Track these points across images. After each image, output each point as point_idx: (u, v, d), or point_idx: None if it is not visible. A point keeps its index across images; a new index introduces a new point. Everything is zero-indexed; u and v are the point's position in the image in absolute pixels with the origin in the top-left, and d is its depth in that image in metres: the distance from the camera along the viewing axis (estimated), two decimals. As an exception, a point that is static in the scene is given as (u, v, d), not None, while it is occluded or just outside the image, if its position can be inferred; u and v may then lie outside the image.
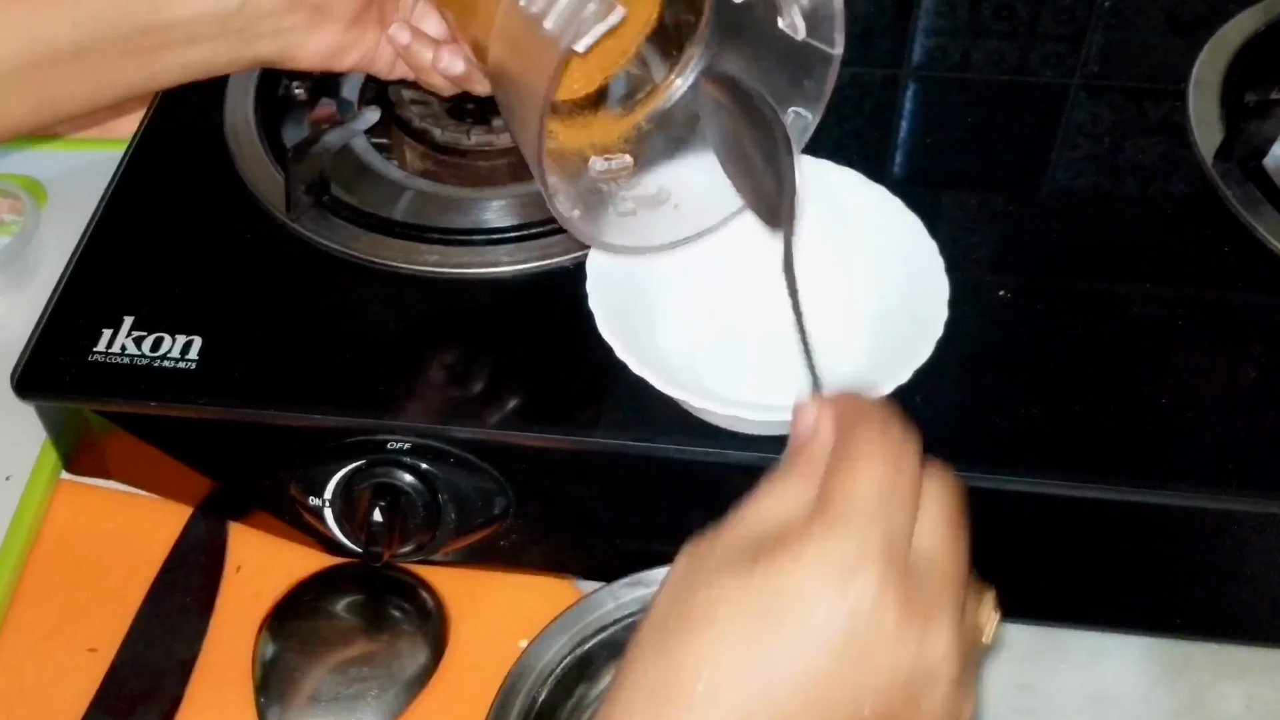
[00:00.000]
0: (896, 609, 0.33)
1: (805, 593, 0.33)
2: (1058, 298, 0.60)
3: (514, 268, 0.62)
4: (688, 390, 0.50)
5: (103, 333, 0.59)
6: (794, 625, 0.33)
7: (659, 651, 0.35)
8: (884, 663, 0.34)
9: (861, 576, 0.33)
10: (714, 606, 0.34)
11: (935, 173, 0.69)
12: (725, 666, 0.33)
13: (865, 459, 0.35)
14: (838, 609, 0.33)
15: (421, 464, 0.56)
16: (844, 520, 0.34)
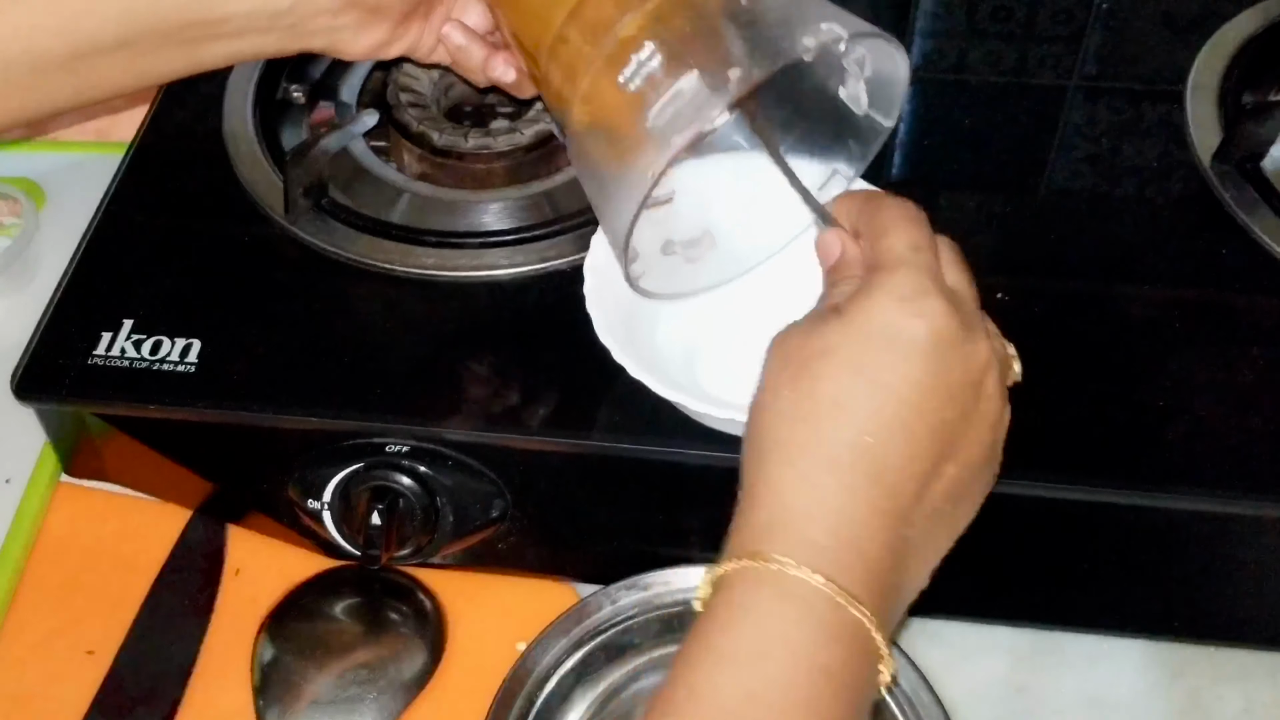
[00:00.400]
0: (957, 322, 0.41)
1: (891, 321, 0.41)
2: (1055, 300, 0.60)
3: (512, 270, 0.62)
4: (686, 393, 0.50)
5: (102, 336, 0.59)
6: (889, 346, 0.40)
7: (781, 395, 0.41)
8: (957, 365, 0.41)
9: (928, 301, 0.41)
10: (824, 352, 0.41)
11: (933, 174, 0.69)
12: (844, 385, 0.40)
13: (896, 224, 0.43)
14: (919, 328, 0.40)
15: (419, 467, 0.56)
16: (899, 266, 0.42)
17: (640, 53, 0.46)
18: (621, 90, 0.47)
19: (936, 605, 0.59)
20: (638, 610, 0.56)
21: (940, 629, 0.59)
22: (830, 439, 0.40)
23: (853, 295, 0.42)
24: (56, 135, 0.81)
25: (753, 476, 0.41)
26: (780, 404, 0.41)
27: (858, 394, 0.40)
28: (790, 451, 0.40)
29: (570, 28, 0.49)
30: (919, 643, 0.58)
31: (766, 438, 0.41)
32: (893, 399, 0.40)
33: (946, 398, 0.41)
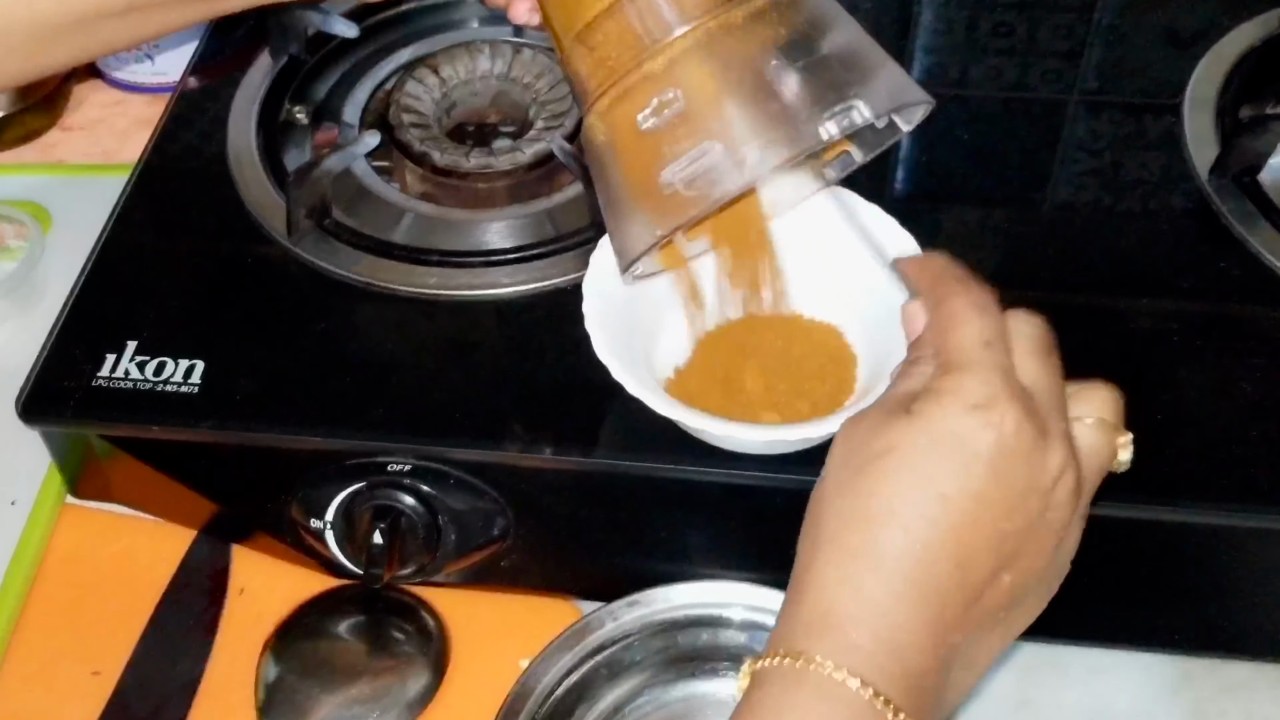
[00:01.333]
0: (1028, 430, 0.40)
1: (957, 430, 0.40)
2: (1054, 313, 0.60)
3: (513, 289, 0.62)
4: (684, 411, 0.51)
5: (106, 357, 0.59)
6: (952, 455, 0.40)
7: (842, 492, 0.41)
8: (1023, 475, 0.40)
9: (998, 409, 0.40)
10: (887, 451, 0.40)
11: (936, 189, 0.70)
12: (902, 491, 0.40)
13: (967, 314, 0.42)
14: (986, 439, 0.40)
15: (421, 485, 0.56)
16: (970, 367, 0.41)
17: (663, 95, 0.46)
18: (638, 125, 0.46)
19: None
20: (639, 627, 0.57)
21: (942, 644, 0.59)
22: (882, 545, 0.39)
23: (923, 395, 0.41)
24: (62, 158, 0.82)
25: (803, 567, 0.41)
26: (838, 501, 0.41)
27: (914, 502, 0.39)
28: (840, 552, 0.40)
29: (603, 25, 0.48)
30: (921, 658, 0.58)
31: (821, 532, 0.41)
32: (950, 510, 0.39)
33: (1007, 509, 0.40)
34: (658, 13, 0.46)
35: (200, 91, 0.75)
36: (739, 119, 0.45)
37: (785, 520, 0.57)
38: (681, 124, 0.45)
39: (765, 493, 0.55)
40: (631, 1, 0.47)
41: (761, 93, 0.46)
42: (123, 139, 0.82)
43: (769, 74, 0.46)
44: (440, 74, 0.72)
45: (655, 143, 0.46)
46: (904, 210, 0.58)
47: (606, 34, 0.48)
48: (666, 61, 0.46)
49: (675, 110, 0.45)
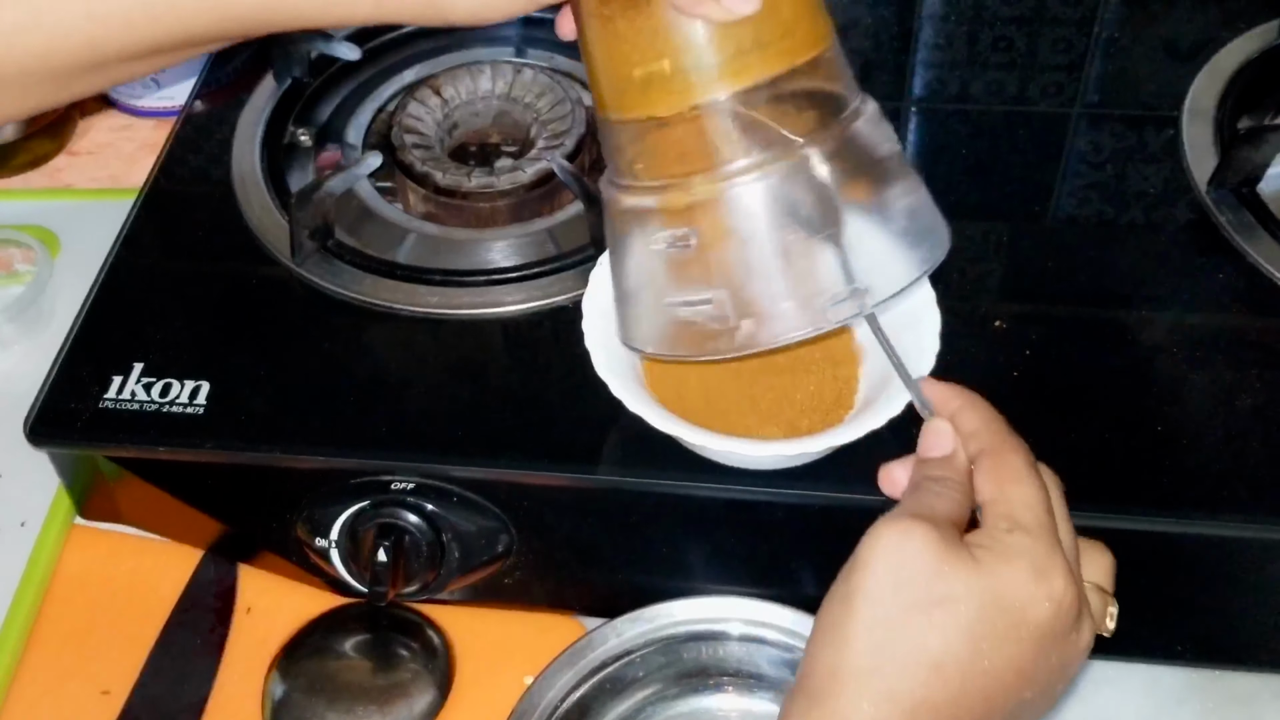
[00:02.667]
0: (1075, 610, 0.42)
1: (1022, 597, 0.40)
2: (1053, 326, 0.61)
3: (515, 307, 0.62)
4: (683, 427, 0.51)
5: (113, 379, 0.60)
6: (1010, 625, 0.40)
7: (887, 624, 0.40)
8: (1060, 656, 0.42)
9: (1057, 581, 0.41)
10: (947, 601, 0.40)
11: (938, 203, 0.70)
12: (953, 650, 0.40)
13: (1025, 475, 0.43)
14: (1045, 612, 0.41)
15: (425, 503, 0.57)
16: (1034, 532, 0.41)
17: (677, 231, 0.45)
18: (648, 240, 0.46)
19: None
20: (643, 643, 0.57)
21: (946, 657, 0.59)
22: (917, 697, 0.40)
23: (989, 546, 0.41)
24: (70, 183, 0.82)
25: (823, 681, 0.41)
26: (880, 632, 0.40)
27: (962, 660, 0.40)
28: (876, 688, 0.40)
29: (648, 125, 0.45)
30: (925, 671, 0.58)
31: (854, 655, 0.40)
32: (992, 676, 0.40)
33: (1037, 682, 0.41)
34: (694, 140, 0.44)
35: (205, 116, 0.75)
36: (745, 282, 0.44)
37: (786, 534, 0.57)
38: (690, 263, 0.45)
39: (767, 507, 0.55)
40: (691, 121, 0.44)
41: (775, 261, 0.44)
42: (130, 163, 0.83)
43: (787, 242, 0.44)
44: (442, 94, 0.73)
45: (662, 261, 0.46)
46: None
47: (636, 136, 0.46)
48: (689, 202, 0.45)
49: (686, 251, 0.45)
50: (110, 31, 0.46)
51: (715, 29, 0.42)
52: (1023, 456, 0.44)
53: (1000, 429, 0.45)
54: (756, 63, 0.43)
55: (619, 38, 0.44)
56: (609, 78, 0.45)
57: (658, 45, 0.43)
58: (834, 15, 0.47)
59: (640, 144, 0.46)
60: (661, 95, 0.44)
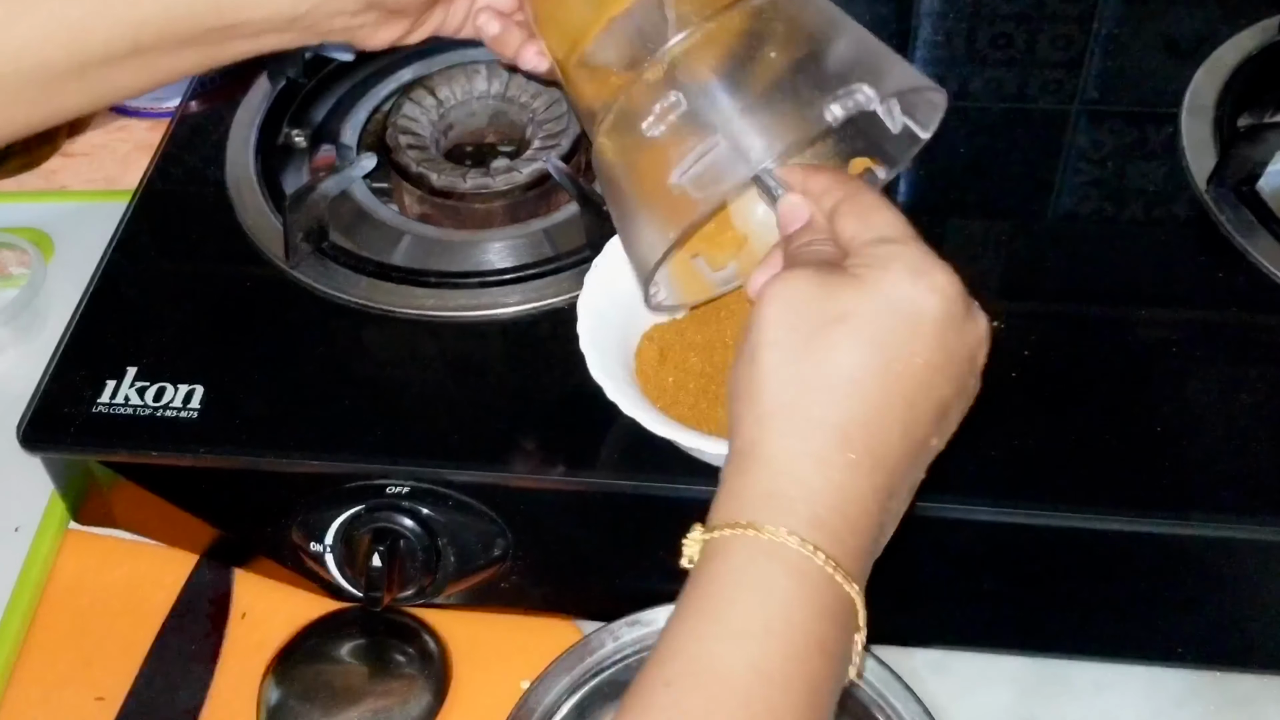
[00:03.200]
0: (964, 297, 0.42)
1: (908, 295, 0.41)
2: (1052, 327, 0.60)
3: (511, 309, 0.62)
4: (678, 430, 0.51)
5: (106, 384, 0.60)
6: (907, 321, 0.41)
7: (793, 359, 0.41)
8: (962, 342, 0.42)
9: (939, 275, 0.41)
10: (842, 318, 0.40)
11: (939, 201, 0.69)
12: (861, 360, 0.40)
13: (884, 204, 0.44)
14: (934, 303, 0.41)
15: (420, 508, 0.56)
16: (906, 239, 0.42)
17: (665, 99, 0.46)
18: (644, 134, 0.46)
19: (942, 635, 0.60)
20: (640, 647, 0.56)
21: (946, 659, 0.59)
22: (842, 415, 0.40)
23: (862, 261, 0.42)
24: (65, 184, 0.82)
25: (750, 434, 0.41)
26: (788, 368, 0.41)
27: (874, 370, 0.40)
28: (798, 422, 0.40)
29: (602, 44, 0.48)
30: (924, 673, 0.58)
31: (771, 398, 0.41)
32: (906, 377, 0.40)
33: (950, 376, 0.41)
34: (653, 22, 0.46)
35: (199, 116, 0.75)
36: (742, 111, 0.45)
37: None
38: (685, 125, 0.45)
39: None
40: (628, 16, 0.47)
41: (764, 85, 0.45)
42: (124, 165, 0.82)
43: (770, 67, 0.45)
44: (437, 95, 0.72)
45: (663, 149, 0.46)
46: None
47: (605, 53, 0.48)
48: (666, 67, 0.46)
49: (679, 113, 0.45)
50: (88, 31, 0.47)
51: None
52: (875, 192, 0.44)
53: (848, 179, 0.46)
54: None
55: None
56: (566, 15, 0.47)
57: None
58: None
59: (606, 60, 0.47)
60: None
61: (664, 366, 0.55)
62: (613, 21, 0.47)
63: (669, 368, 0.55)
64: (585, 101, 0.50)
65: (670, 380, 0.55)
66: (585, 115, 0.50)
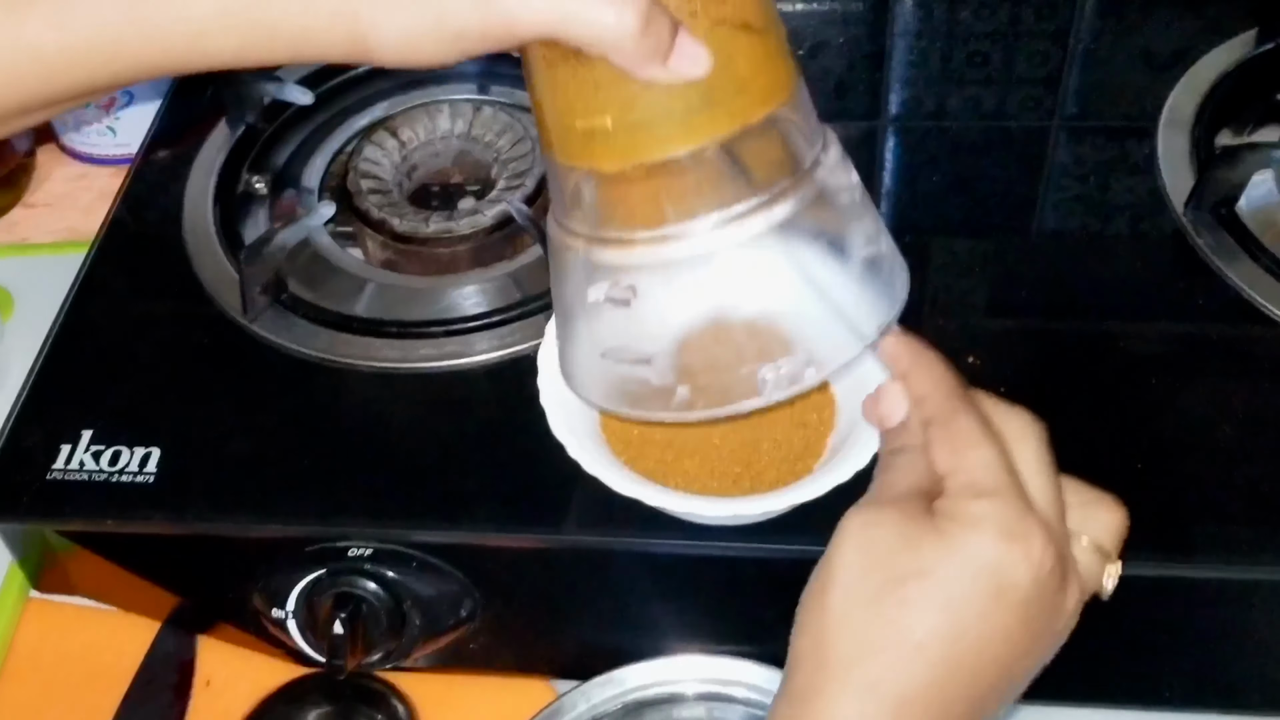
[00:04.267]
0: (1058, 572, 0.39)
1: (995, 562, 0.38)
2: (1030, 358, 0.59)
3: (476, 358, 0.60)
4: (642, 487, 0.49)
5: (61, 449, 0.58)
6: (990, 592, 0.38)
7: (861, 611, 0.38)
8: (1046, 621, 0.39)
9: (1032, 541, 0.38)
10: (919, 576, 0.38)
11: (919, 221, 0.68)
12: (934, 627, 0.38)
13: (980, 436, 0.40)
14: (1023, 575, 0.38)
15: (384, 570, 0.55)
16: (997, 494, 0.38)
17: (615, 283, 0.43)
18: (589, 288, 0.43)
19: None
20: (615, 707, 0.55)
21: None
22: (904, 684, 0.38)
23: (951, 515, 0.39)
24: (26, 236, 0.81)
25: (807, 680, 0.39)
26: (858, 616, 0.38)
27: (946, 637, 0.38)
28: (857, 685, 0.38)
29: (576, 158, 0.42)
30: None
31: (833, 650, 0.39)
32: (979, 650, 0.38)
33: (1024, 651, 0.39)
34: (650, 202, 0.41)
35: (158, 165, 0.73)
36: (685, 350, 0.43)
37: (758, 589, 0.55)
38: (633, 318, 0.43)
39: (735, 563, 0.53)
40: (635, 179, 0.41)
41: (716, 329, 0.43)
42: (87, 214, 0.81)
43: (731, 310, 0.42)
44: (399, 136, 0.71)
45: (604, 313, 0.43)
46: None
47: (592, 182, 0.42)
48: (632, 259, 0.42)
49: (627, 304, 0.43)
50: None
51: (661, 88, 0.39)
52: (973, 417, 0.40)
53: (948, 389, 0.42)
54: (706, 122, 0.40)
55: (561, 87, 0.41)
56: (552, 124, 0.42)
57: (600, 99, 0.40)
58: (806, 35, 0.44)
59: (584, 191, 0.43)
60: (604, 151, 0.41)
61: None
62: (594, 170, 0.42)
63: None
64: (556, 178, 0.44)
65: (635, 432, 0.53)
66: (551, 185, 0.45)
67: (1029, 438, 0.41)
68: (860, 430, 0.50)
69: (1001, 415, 0.41)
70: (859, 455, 0.49)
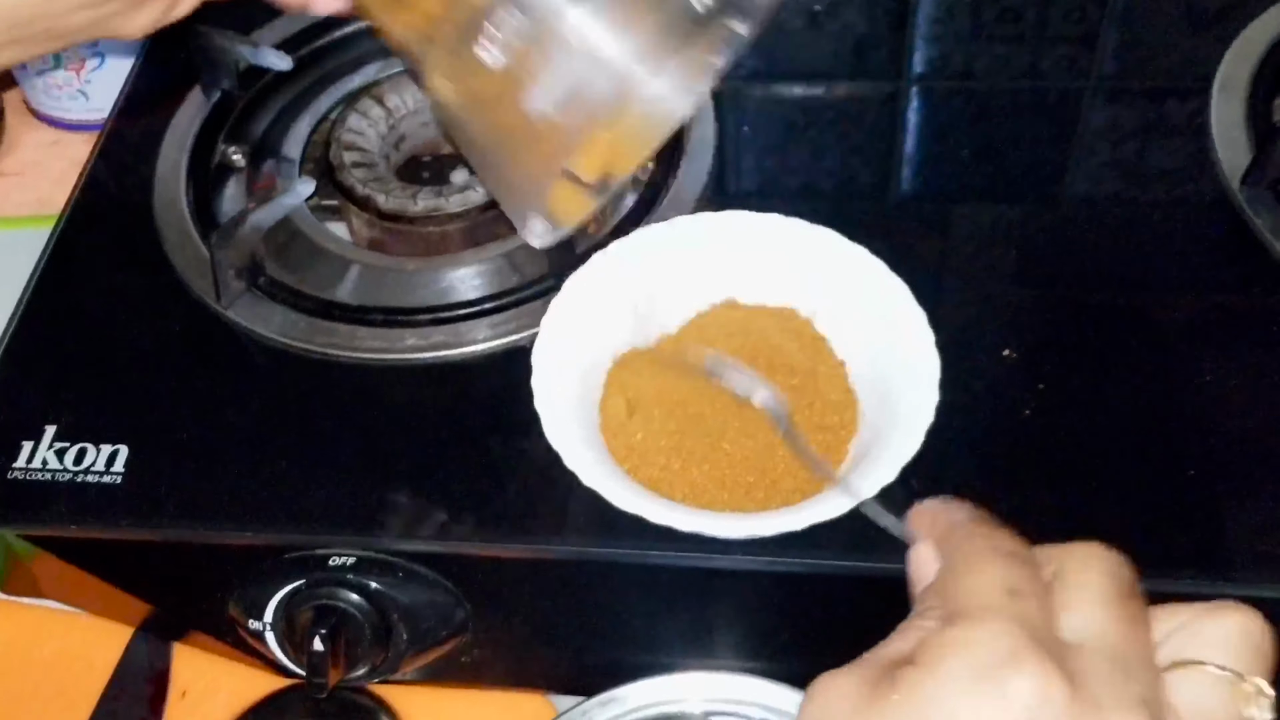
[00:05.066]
0: (1070, 700, 0.29)
1: (959, 712, 0.29)
2: (1073, 317, 0.54)
3: (469, 348, 0.56)
4: (645, 503, 0.45)
5: (22, 446, 0.54)
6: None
7: None
8: None
9: (1020, 672, 0.29)
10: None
11: (944, 187, 0.63)
12: None
13: (980, 560, 0.33)
14: (1005, 718, 0.29)
15: (368, 581, 0.51)
16: (978, 618, 0.30)
17: (496, 16, 0.39)
18: (483, 62, 0.40)
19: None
20: (616, 727, 0.51)
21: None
22: None
23: (919, 651, 0.31)
24: (-5, 209, 0.76)
25: None
26: None
27: None
28: None
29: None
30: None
31: None
32: None
33: None
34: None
35: (129, 133, 0.68)
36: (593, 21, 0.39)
37: (770, 604, 0.51)
38: (529, 42, 0.39)
39: (745, 576, 0.49)
40: None
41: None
42: (59, 184, 0.76)
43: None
44: (386, 104, 0.66)
45: (509, 76, 0.39)
46: (912, 212, 0.53)
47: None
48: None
49: (516, 28, 0.39)
50: None
51: None
52: (986, 542, 0.34)
53: (968, 524, 0.35)
54: None
55: None
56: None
57: None
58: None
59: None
60: None
61: (632, 421, 0.49)
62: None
63: (637, 422, 0.49)
64: (408, 43, 0.43)
65: (639, 437, 0.49)
66: (410, 56, 0.43)
67: (1091, 568, 0.33)
68: (887, 437, 0.45)
69: (1063, 550, 0.34)
70: (886, 466, 0.44)
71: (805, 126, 0.67)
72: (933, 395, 0.45)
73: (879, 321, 0.49)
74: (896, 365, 0.47)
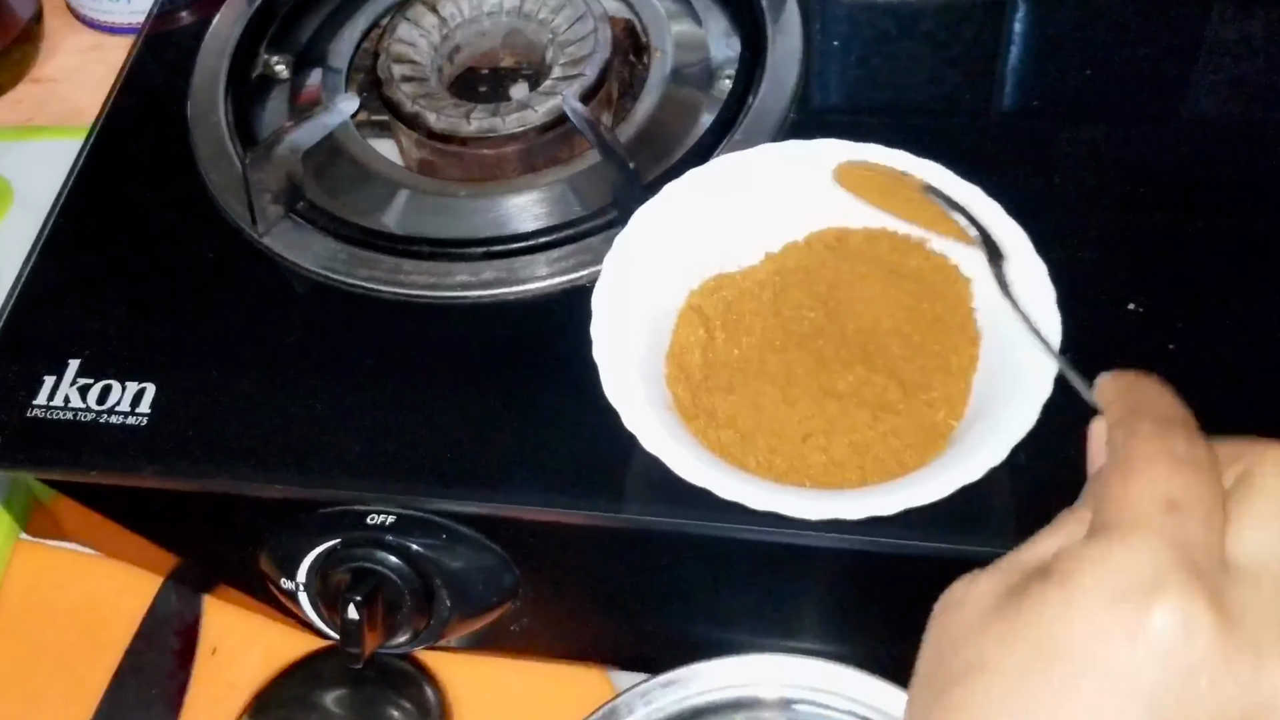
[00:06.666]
0: (1219, 637, 0.26)
1: (1085, 639, 0.26)
2: (1186, 242, 0.49)
3: (524, 286, 0.51)
4: (714, 474, 0.39)
5: (44, 381, 0.50)
6: (1070, 682, 0.26)
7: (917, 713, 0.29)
8: (1208, 709, 0.26)
9: (1161, 601, 0.26)
10: (969, 671, 0.28)
11: (1049, 103, 0.57)
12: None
13: (1143, 464, 0.28)
14: (1135, 653, 0.26)
15: (408, 542, 0.46)
16: (1126, 532, 0.27)
17: None
18: None
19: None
20: (677, 710, 0.46)
21: None
22: None
23: (1055, 562, 0.28)
24: (31, 118, 0.72)
25: None
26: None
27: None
28: None
29: None
30: None
31: None
32: None
33: None
34: None
35: (167, 39, 0.64)
36: None
37: (854, 584, 0.46)
38: None
39: (825, 554, 0.44)
40: None
41: None
42: (98, 91, 0.70)
43: None
44: (440, 12, 0.60)
45: None
46: (1014, 129, 0.51)
47: None
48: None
49: None
50: None
51: None
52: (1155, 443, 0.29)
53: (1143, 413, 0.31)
54: None
55: None
56: None
57: None
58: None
59: None
60: None
61: (703, 365, 0.44)
62: None
63: (710, 366, 0.44)
64: None
65: (711, 399, 0.43)
66: None
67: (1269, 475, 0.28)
68: (997, 411, 0.40)
69: (1256, 449, 0.29)
70: (996, 445, 0.38)
71: (899, 37, 0.60)
72: (1051, 364, 0.39)
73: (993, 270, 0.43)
74: (1012, 334, 0.41)
